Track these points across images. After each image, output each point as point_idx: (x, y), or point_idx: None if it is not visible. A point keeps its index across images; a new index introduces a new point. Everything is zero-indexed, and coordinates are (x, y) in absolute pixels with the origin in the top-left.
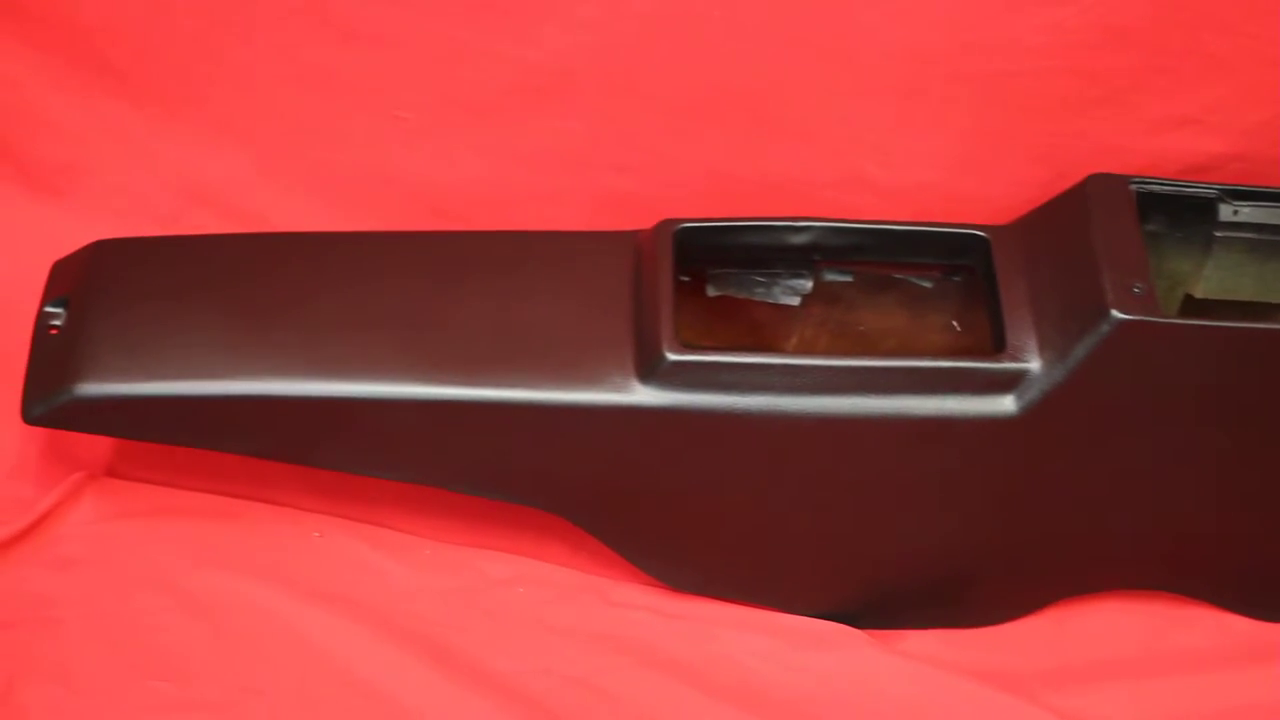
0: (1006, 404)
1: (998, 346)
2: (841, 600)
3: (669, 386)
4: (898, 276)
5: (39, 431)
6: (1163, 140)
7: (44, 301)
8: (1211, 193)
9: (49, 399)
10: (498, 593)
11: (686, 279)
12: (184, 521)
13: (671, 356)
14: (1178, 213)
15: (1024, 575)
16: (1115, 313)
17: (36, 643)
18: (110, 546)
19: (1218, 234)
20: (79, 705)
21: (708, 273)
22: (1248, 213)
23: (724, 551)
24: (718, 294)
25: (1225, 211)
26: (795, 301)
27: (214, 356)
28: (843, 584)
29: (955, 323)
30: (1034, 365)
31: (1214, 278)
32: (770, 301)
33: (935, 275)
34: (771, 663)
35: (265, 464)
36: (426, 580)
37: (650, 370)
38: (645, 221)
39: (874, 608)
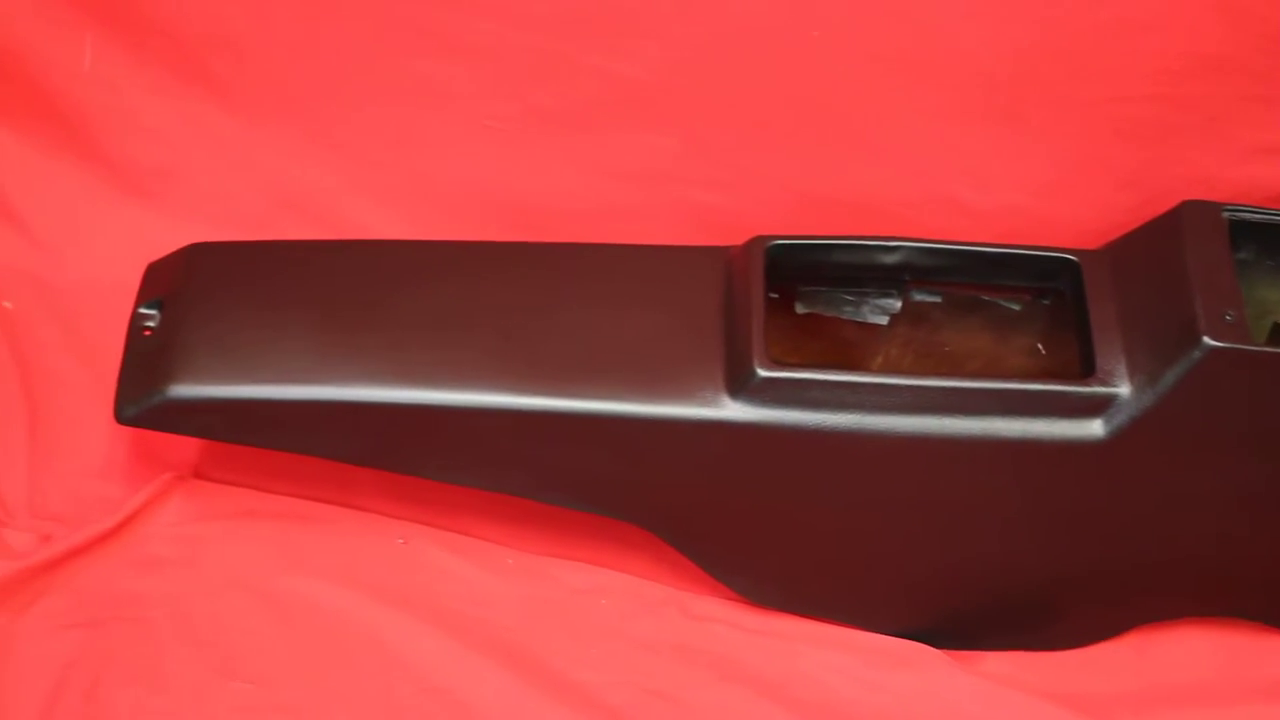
0: (1094, 428)
1: (1087, 371)
2: (922, 620)
3: (759, 402)
4: (986, 298)
5: (127, 432)
6: (1254, 168)
7: (138, 303)
8: None
9: (142, 399)
10: (579, 603)
11: (775, 295)
12: (269, 525)
13: (762, 372)
14: (1268, 241)
15: (1105, 599)
16: (1207, 340)
17: (122, 641)
18: (196, 548)
19: None
20: (163, 704)
21: (797, 290)
22: None
23: (806, 568)
24: (806, 311)
25: None
26: (883, 321)
27: (306, 361)
28: (924, 603)
29: (1040, 346)
30: (1123, 390)
31: None
32: (857, 320)
33: (1024, 298)
34: (851, 680)
35: (349, 469)
36: (508, 589)
37: (740, 385)
38: (731, 237)
39: (954, 628)
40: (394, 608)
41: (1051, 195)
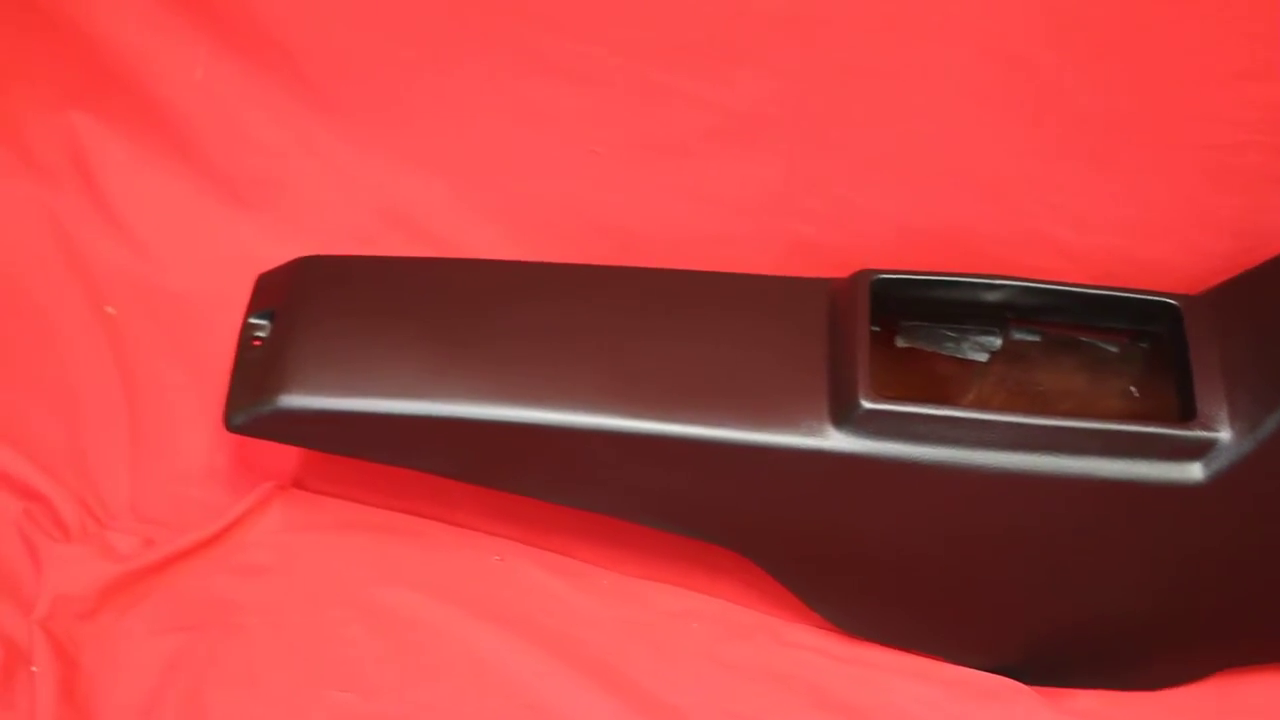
0: (1194, 471)
1: (1187, 414)
2: (1011, 655)
3: (862, 434)
4: (1083, 339)
5: (229, 439)
6: None
7: (249, 313)
8: None
9: (252, 408)
10: (672, 626)
11: (876, 329)
12: (368, 537)
13: (867, 404)
14: None
15: (1193, 642)
16: None
17: (223, 647)
18: (296, 556)
19: None
20: (262, 710)
21: (898, 324)
22: None
23: (900, 599)
24: (906, 345)
25: None
26: (983, 358)
27: (414, 376)
28: (1015, 639)
29: (1134, 388)
30: (1224, 435)
31: None
32: (956, 356)
33: (1121, 340)
34: (940, 713)
35: (447, 485)
36: (603, 609)
37: (844, 416)
38: (828, 269)
39: (1044, 664)
40: (490, 623)
41: (1148, 238)
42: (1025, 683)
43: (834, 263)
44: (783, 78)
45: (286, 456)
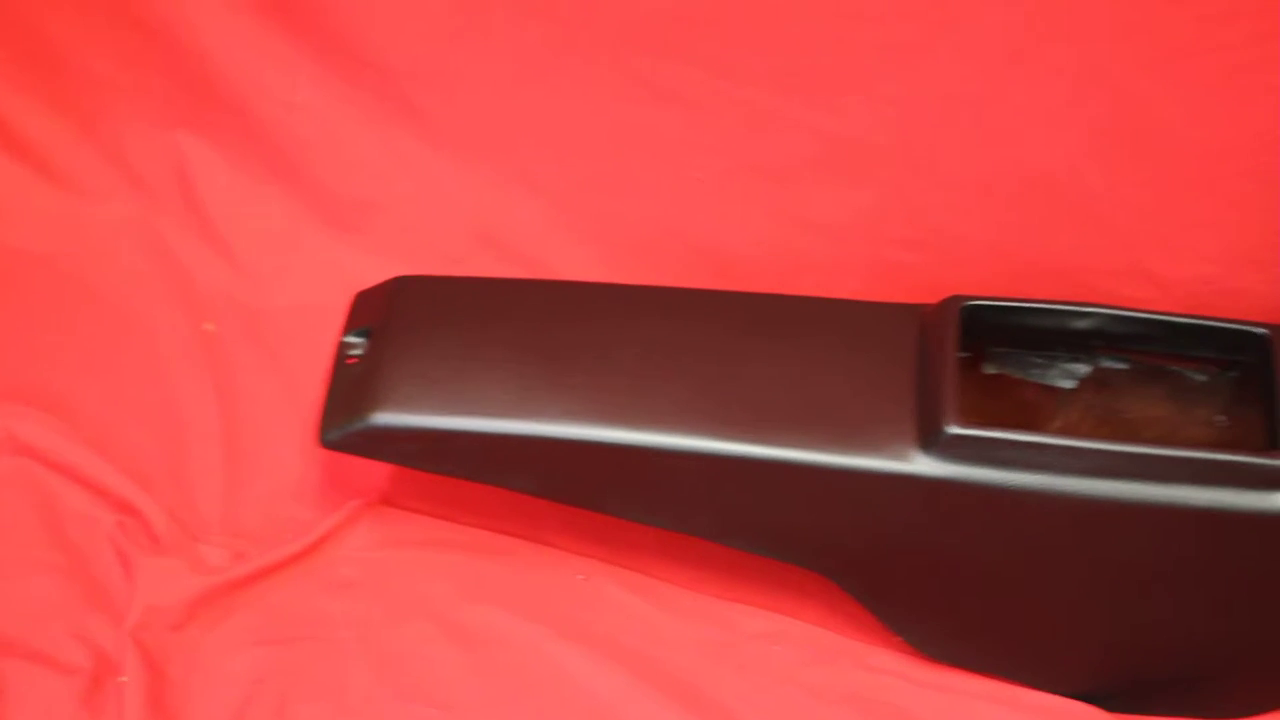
0: (1278, 501)
1: (1273, 444)
2: (1093, 681)
3: (948, 459)
4: (1172, 368)
5: (320, 455)
6: None
7: (345, 330)
8: None
9: (346, 425)
10: (755, 648)
11: (965, 354)
12: (454, 554)
13: (953, 430)
14: None
15: (1275, 672)
16: None
17: (310, 660)
18: (384, 573)
19: None
20: None
21: (986, 350)
22: None
23: (984, 624)
24: (994, 371)
25: None
26: (1070, 385)
27: (506, 396)
28: (1096, 665)
29: (1221, 417)
30: None
31: None
32: (1043, 383)
33: (1209, 369)
34: None
35: (533, 504)
36: (686, 630)
37: (931, 441)
38: (921, 295)
39: (1125, 691)
40: (575, 642)
41: (1240, 268)
42: (1106, 709)
43: (931, 289)
44: (887, 104)
45: (376, 474)
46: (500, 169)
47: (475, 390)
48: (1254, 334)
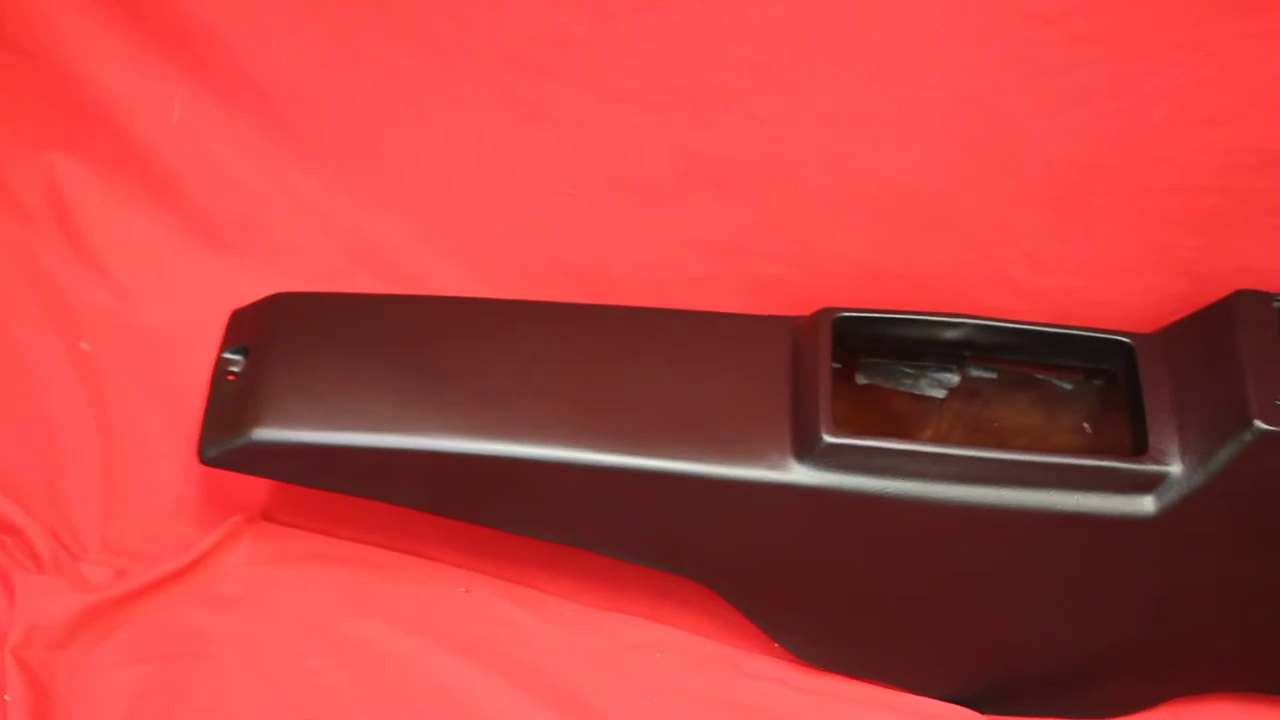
0: (1146, 504)
1: (1139, 449)
2: (969, 685)
3: (824, 467)
4: (1039, 376)
5: (199, 472)
6: None
7: (222, 348)
8: None
9: (226, 441)
10: (634, 656)
11: (838, 365)
12: (337, 569)
13: (828, 438)
14: None
15: (1145, 672)
16: (1258, 423)
17: (192, 677)
18: (265, 589)
19: None
20: None
21: (858, 360)
22: None
23: (860, 630)
24: (866, 381)
25: None
26: (940, 394)
27: (387, 410)
28: (971, 669)
29: (1087, 425)
30: (1175, 469)
31: None
32: (915, 392)
33: (1076, 377)
34: None
35: (415, 518)
36: (566, 640)
37: (807, 450)
38: (793, 308)
39: (998, 694)
40: (457, 654)
41: (1105, 279)
42: (981, 712)
43: (802, 302)
44: (758, 122)
45: (256, 490)
46: (376, 186)
47: (355, 405)
48: (1119, 342)
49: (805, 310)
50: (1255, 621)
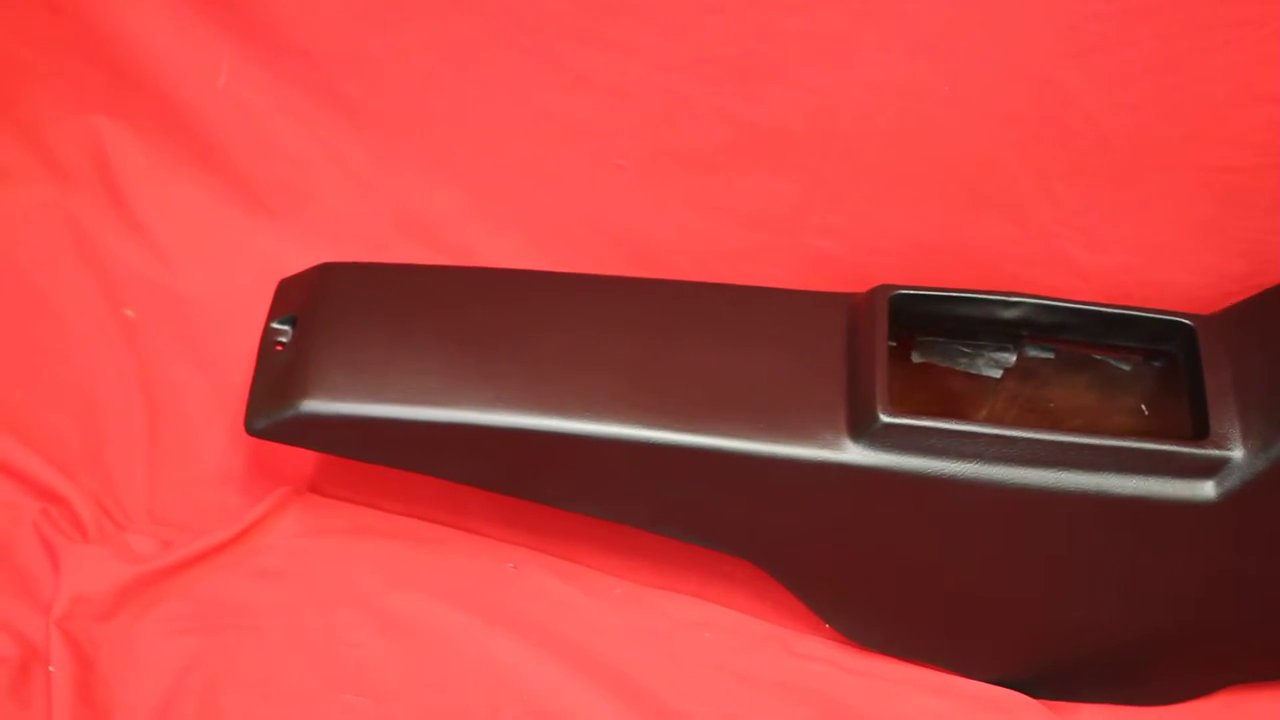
0: (1206, 490)
1: (1200, 433)
2: (1021, 669)
3: (879, 447)
4: (1097, 357)
5: (245, 443)
6: None
7: (270, 318)
8: None
9: (274, 413)
10: (684, 635)
11: (893, 343)
12: (383, 542)
13: (885, 418)
14: None
15: (1202, 658)
16: None
17: (237, 649)
18: (311, 561)
19: None
20: (276, 712)
21: (915, 339)
22: None
23: (912, 612)
24: (922, 360)
25: None
26: (997, 374)
27: (436, 383)
28: (1024, 653)
29: (1144, 407)
30: (1237, 453)
31: None
32: (970, 372)
33: (1134, 359)
34: None
35: (462, 492)
36: (616, 618)
37: (862, 430)
38: (842, 284)
39: (1052, 678)
40: (503, 630)
41: (1163, 259)
42: (1035, 697)
43: (853, 278)
44: (810, 94)
45: (302, 461)
46: (425, 156)
47: (404, 378)
48: (1179, 324)
49: (857, 285)
50: None
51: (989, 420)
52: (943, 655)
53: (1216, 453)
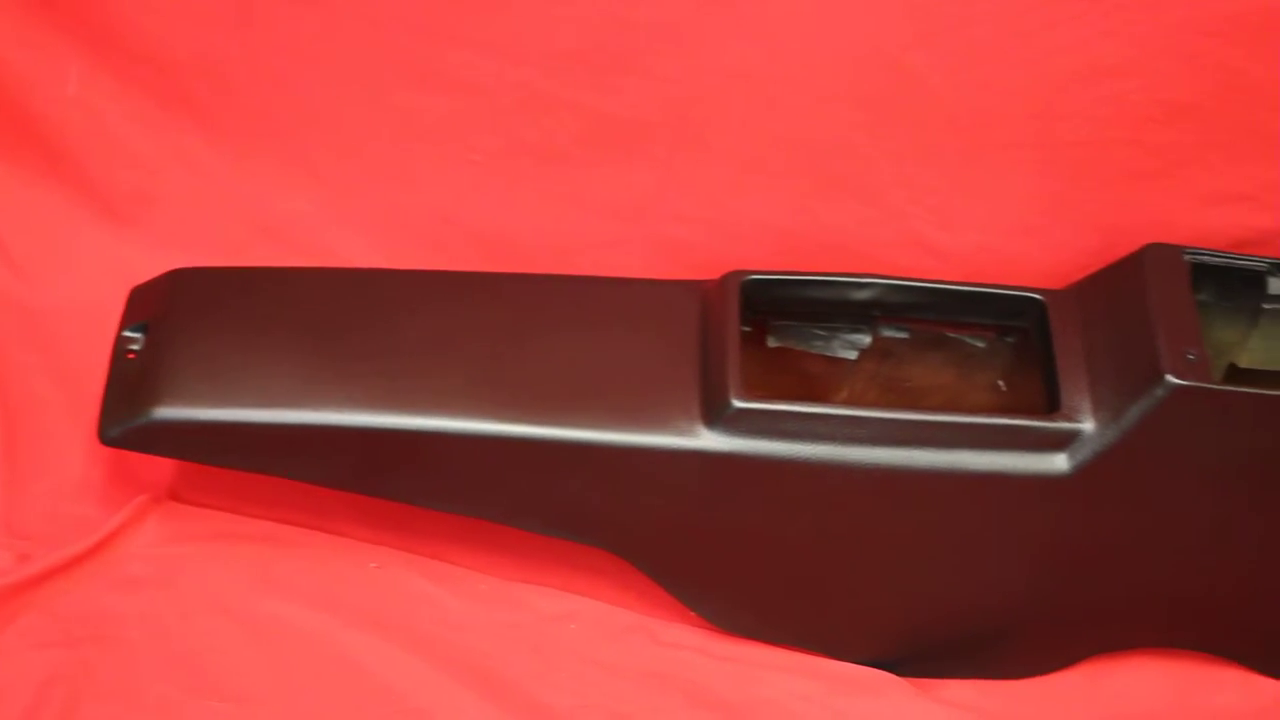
0: (1059, 462)
1: (1052, 406)
2: (886, 648)
3: (734, 433)
4: (951, 335)
5: (103, 453)
6: (1214, 214)
7: (122, 326)
8: (1263, 266)
9: (127, 420)
10: (549, 628)
11: (748, 329)
12: (244, 547)
13: (738, 403)
14: (1227, 284)
15: (1063, 630)
16: (1170, 378)
17: (100, 660)
18: (173, 569)
19: (1265, 306)
20: None
21: (769, 324)
22: None
23: (775, 596)
24: (777, 345)
25: (1274, 285)
26: (852, 355)
27: (290, 385)
28: (888, 632)
29: (1001, 382)
30: (1087, 426)
31: (1259, 348)
32: (827, 354)
33: (988, 335)
34: (816, 707)
35: (323, 495)
36: (480, 613)
37: (716, 416)
38: (701, 271)
39: (916, 656)
40: (369, 631)
41: (1017, 236)
42: (900, 675)
43: (710, 265)
44: (664, 84)
45: (162, 469)
46: (277, 158)
47: (257, 380)
48: (1030, 299)
49: (715, 272)
50: (1169, 577)
51: (849, 401)
52: (808, 638)
53: (1067, 426)
